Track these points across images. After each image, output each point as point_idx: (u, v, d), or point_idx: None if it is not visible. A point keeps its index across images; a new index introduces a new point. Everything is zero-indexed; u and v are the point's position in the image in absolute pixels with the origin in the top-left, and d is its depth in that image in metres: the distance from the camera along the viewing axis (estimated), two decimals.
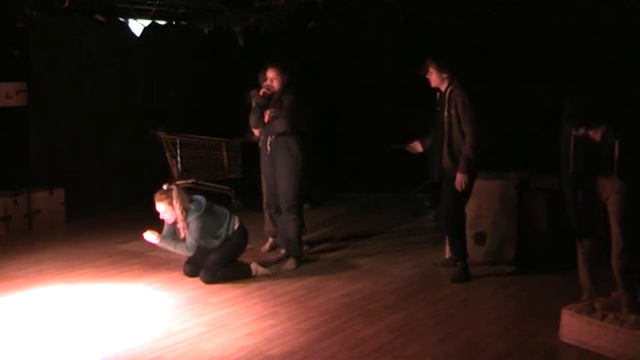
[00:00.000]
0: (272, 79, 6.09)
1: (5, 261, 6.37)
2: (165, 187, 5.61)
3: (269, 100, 6.14)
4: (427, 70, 5.60)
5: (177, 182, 7.75)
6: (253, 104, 6.23)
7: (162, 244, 5.61)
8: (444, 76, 5.55)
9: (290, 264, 6.14)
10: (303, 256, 6.30)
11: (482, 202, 6.10)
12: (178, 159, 8.23)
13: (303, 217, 6.34)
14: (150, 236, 5.59)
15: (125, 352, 4.30)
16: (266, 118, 6.15)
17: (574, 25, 7.83)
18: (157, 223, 5.75)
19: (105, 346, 4.40)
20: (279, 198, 6.19)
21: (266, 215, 6.69)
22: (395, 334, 4.58)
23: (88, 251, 6.76)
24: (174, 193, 5.54)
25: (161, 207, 5.56)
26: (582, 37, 7.74)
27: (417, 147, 5.95)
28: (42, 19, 7.77)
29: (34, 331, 4.67)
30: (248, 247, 6.01)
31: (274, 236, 6.69)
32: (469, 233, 5.93)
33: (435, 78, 5.59)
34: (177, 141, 8.20)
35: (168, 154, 8.29)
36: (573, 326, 4.37)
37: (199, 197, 5.71)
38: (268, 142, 6.17)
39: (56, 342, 4.47)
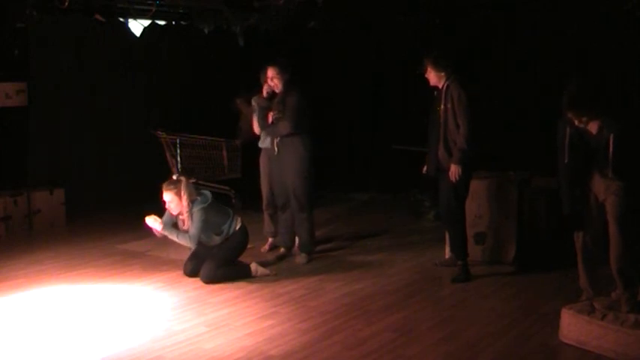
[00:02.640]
0: (272, 77, 6.09)
1: (5, 261, 6.37)
2: (174, 177, 5.61)
3: (270, 100, 6.14)
4: (425, 70, 5.71)
5: None
6: (256, 107, 6.23)
7: (165, 232, 5.61)
8: (441, 74, 5.65)
9: (302, 258, 6.25)
10: (313, 253, 6.37)
11: (482, 202, 6.11)
12: (178, 159, 8.21)
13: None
14: (152, 222, 5.58)
15: (125, 352, 4.30)
16: (269, 120, 6.15)
17: (574, 25, 7.82)
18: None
19: (105, 346, 4.41)
20: (290, 199, 6.20)
21: (266, 215, 6.69)
22: (395, 334, 4.58)
23: (88, 251, 6.76)
24: (183, 184, 5.56)
25: (168, 196, 5.58)
26: (582, 37, 7.74)
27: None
28: (42, 19, 7.76)
29: (34, 331, 4.67)
30: (248, 247, 6.01)
31: (274, 236, 6.70)
32: (469, 233, 5.93)
33: (432, 77, 5.71)
34: (177, 141, 8.19)
35: (168, 154, 8.27)
36: (573, 326, 4.37)
37: (206, 192, 5.76)
38: (275, 143, 6.17)
39: (56, 342, 4.47)
